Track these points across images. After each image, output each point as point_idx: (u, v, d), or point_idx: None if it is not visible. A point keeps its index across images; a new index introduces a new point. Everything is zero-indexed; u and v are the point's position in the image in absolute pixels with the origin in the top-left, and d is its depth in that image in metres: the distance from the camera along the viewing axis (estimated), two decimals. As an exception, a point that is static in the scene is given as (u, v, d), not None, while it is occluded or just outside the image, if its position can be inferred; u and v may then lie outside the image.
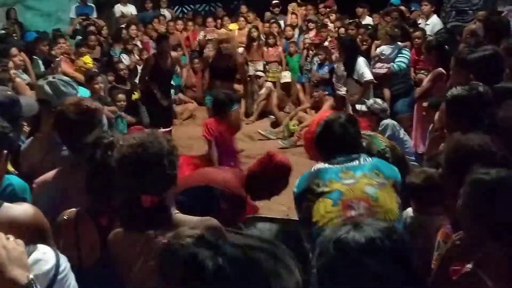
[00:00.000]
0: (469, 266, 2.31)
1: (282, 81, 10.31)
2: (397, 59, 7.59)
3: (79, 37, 10.65)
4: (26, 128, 3.95)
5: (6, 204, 2.14)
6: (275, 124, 9.73)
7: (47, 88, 3.53)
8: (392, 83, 7.48)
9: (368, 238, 1.50)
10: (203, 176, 4.18)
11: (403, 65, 7.54)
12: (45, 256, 1.69)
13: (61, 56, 8.98)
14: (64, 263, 1.75)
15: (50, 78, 3.67)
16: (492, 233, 2.24)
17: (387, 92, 7.51)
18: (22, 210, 2.19)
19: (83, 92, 5.34)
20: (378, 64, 7.65)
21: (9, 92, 3.43)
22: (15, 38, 9.60)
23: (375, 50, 7.78)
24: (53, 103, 3.39)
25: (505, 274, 2.20)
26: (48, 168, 2.99)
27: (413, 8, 10.08)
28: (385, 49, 7.59)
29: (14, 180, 2.77)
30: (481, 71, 4.16)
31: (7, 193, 2.64)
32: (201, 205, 3.37)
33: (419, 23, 8.96)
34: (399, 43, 7.73)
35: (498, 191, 2.23)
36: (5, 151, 2.30)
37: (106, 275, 2.35)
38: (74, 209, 2.56)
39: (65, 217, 2.51)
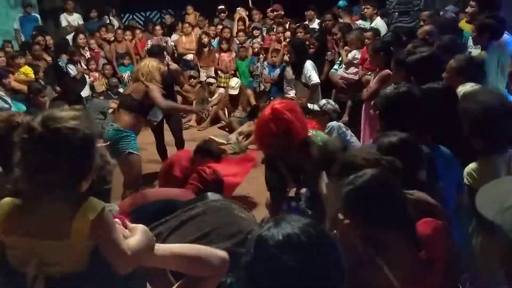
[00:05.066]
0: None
1: (230, 92, 10.11)
2: None
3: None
4: None
5: None
6: (225, 129, 9.58)
7: (-24, 103, 3.44)
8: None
9: (285, 234, 1.56)
10: (157, 194, 4.21)
11: None
12: None
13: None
14: None
15: (-20, 93, 3.58)
16: (384, 226, 2.24)
17: (349, 102, 7.49)
18: None
19: (18, 107, 5.22)
20: (352, 69, 7.57)
21: None
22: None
23: (346, 55, 7.72)
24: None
25: (398, 259, 2.24)
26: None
27: (354, 12, 10.13)
28: (357, 54, 7.57)
29: None
30: (420, 72, 4.26)
31: None
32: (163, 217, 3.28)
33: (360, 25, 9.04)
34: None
35: (366, 194, 2.25)
36: None
37: None
38: None
39: None
